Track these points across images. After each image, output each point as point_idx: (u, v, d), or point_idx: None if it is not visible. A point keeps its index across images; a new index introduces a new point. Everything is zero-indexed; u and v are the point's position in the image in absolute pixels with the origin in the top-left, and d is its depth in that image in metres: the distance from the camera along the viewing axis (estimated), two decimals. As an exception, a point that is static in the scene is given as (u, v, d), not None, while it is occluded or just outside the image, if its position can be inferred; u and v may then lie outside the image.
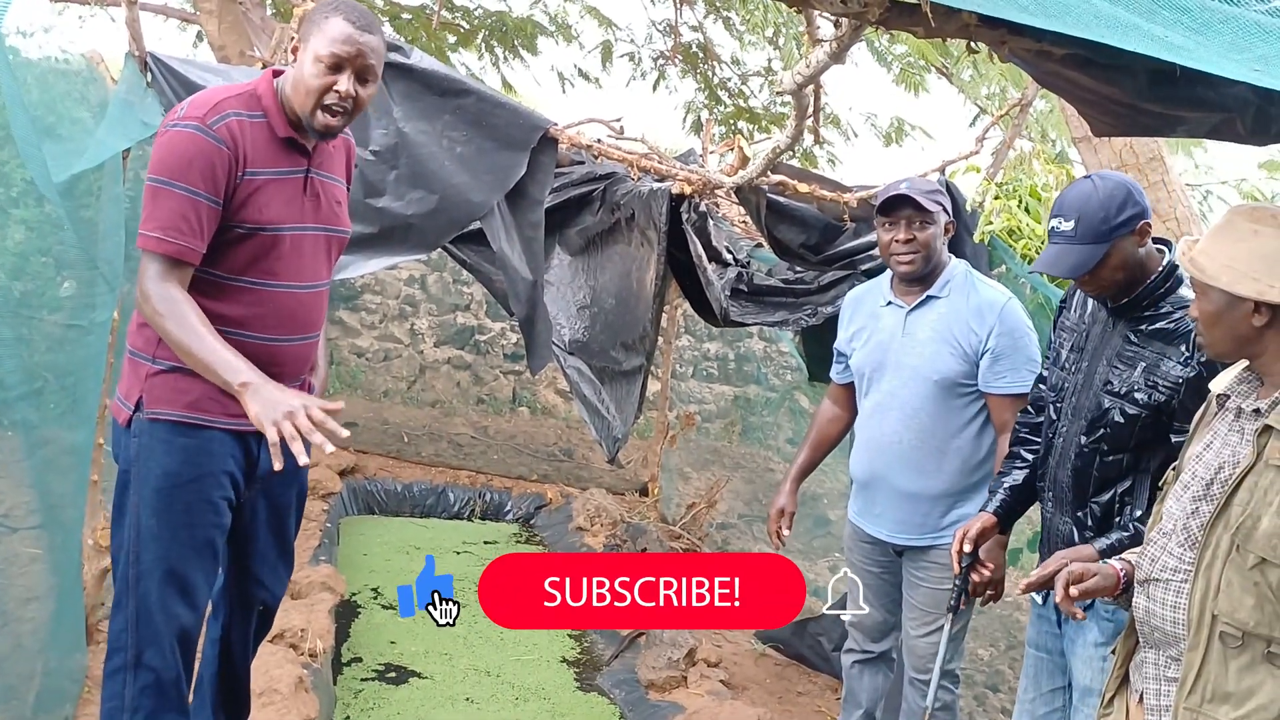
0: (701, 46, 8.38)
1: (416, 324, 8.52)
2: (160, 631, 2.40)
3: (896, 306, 3.18)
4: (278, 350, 2.44)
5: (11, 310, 2.96)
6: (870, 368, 3.21)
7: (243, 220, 2.34)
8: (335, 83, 2.32)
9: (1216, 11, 1.50)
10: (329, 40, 2.31)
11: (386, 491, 6.87)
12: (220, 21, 4.79)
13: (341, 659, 4.33)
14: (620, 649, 4.62)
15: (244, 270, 2.38)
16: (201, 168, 2.26)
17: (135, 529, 2.37)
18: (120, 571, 2.41)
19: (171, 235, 2.24)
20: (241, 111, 2.34)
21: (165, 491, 2.37)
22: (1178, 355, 2.37)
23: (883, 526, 3.22)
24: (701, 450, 8.49)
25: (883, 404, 3.17)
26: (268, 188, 2.37)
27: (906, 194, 3.03)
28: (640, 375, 4.47)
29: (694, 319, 7.71)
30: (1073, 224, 2.40)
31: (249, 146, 2.33)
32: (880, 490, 3.20)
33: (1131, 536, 2.39)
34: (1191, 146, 7.43)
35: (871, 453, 3.21)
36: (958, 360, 3.05)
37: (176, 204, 2.24)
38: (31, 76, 3.08)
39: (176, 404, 2.36)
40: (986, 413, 3.09)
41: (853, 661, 3.46)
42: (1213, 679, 1.86)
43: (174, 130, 2.28)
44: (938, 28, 2.07)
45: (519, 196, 3.76)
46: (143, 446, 2.37)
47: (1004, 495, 2.74)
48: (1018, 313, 3.08)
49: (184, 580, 2.42)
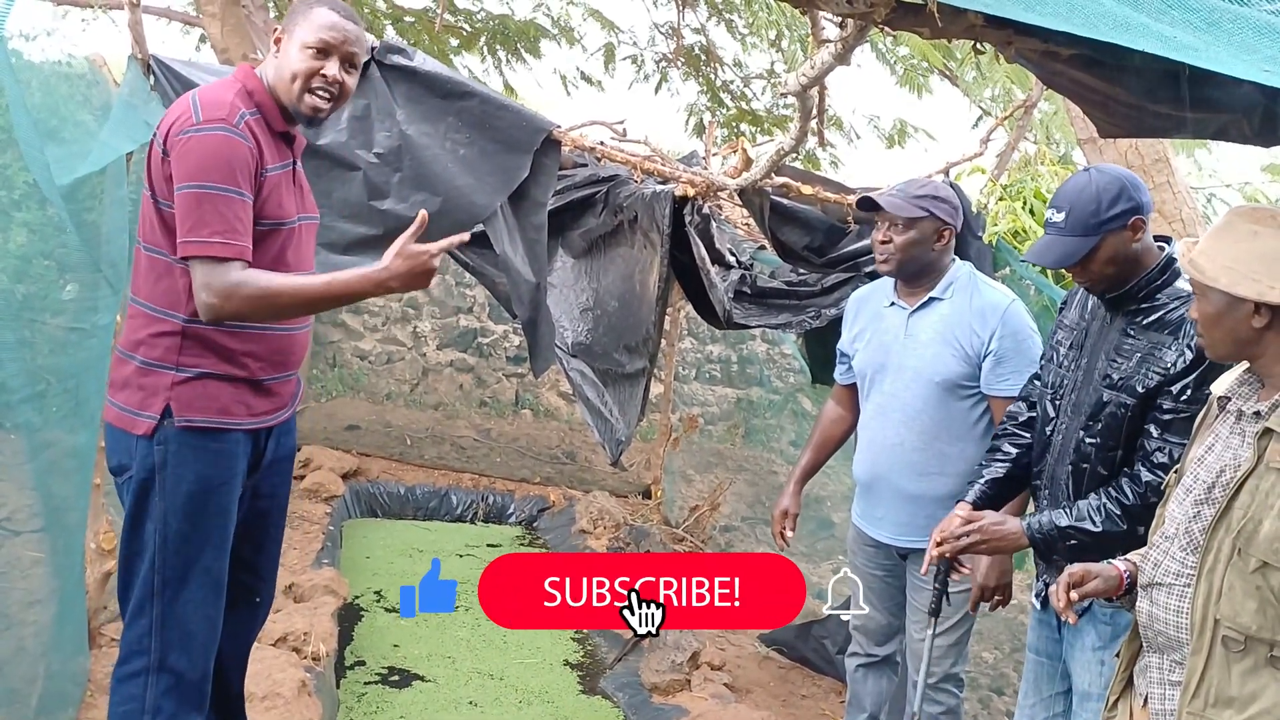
0: (704, 49, 8.38)
1: (419, 326, 8.52)
2: (192, 633, 2.44)
3: (899, 308, 3.17)
4: (290, 339, 2.51)
5: (14, 313, 2.96)
6: (872, 369, 3.21)
7: (266, 217, 2.38)
8: (323, 68, 2.39)
9: (1225, 11, 1.49)
10: (316, 27, 2.39)
11: (389, 494, 6.87)
12: (223, 24, 4.79)
13: (344, 662, 4.32)
14: (624, 652, 4.61)
15: (267, 265, 2.39)
16: (240, 168, 2.29)
17: (161, 535, 2.40)
18: (142, 578, 2.42)
19: (231, 238, 2.27)
20: (247, 110, 2.37)
21: (199, 496, 2.41)
22: (1172, 344, 2.37)
23: (885, 529, 3.21)
24: (704, 453, 8.48)
25: (885, 405, 3.16)
26: (280, 183, 2.42)
27: (873, 197, 3.06)
28: (643, 378, 4.46)
29: (697, 321, 7.72)
30: (1064, 215, 2.40)
31: (262, 144, 2.37)
32: (883, 493, 3.19)
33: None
34: (1195, 148, 7.42)
35: (874, 454, 3.20)
36: (959, 362, 3.04)
37: (228, 206, 2.27)
38: (35, 79, 3.08)
39: (209, 410, 2.40)
40: (989, 414, 3.08)
41: (856, 665, 3.45)
42: (1216, 683, 1.85)
43: (205, 134, 2.28)
44: (944, 28, 2.06)
45: (522, 199, 3.76)
46: (171, 454, 2.39)
47: (982, 487, 2.72)
48: (1021, 314, 3.08)
49: (218, 580, 2.49)
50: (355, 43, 2.43)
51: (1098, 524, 2.40)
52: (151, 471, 2.39)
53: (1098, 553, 2.38)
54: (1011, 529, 2.53)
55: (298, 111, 2.42)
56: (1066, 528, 2.44)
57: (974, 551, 2.60)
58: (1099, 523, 2.40)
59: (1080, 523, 2.42)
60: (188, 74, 3.47)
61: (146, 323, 2.38)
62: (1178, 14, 1.49)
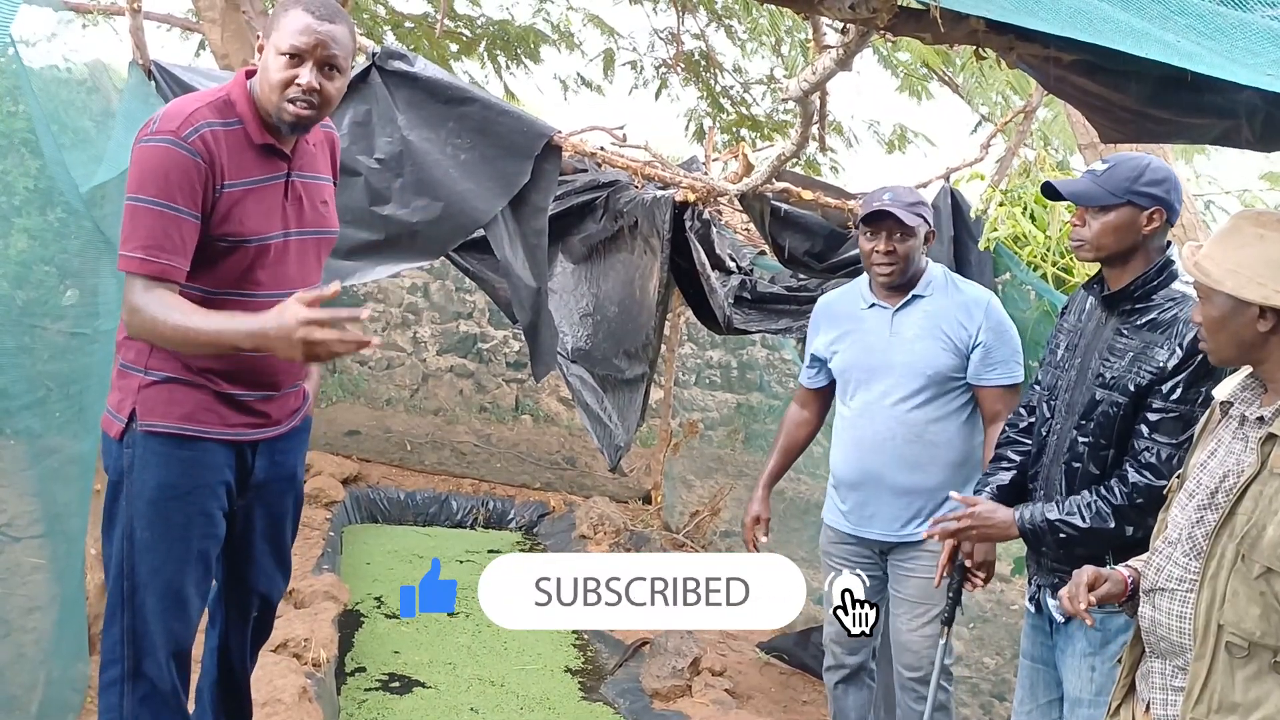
0: (704, 54, 8.39)
1: (419, 332, 8.52)
2: (155, 644, 2.37)
3: (881, 308, 3.23)
4: (254, 359, 2.35)
5: (14, 319, 2.95)
6: (858, 370, 3.25)
7: (225, 234, 2.27)
8: (297, 75, 2.25)
9: (1227, 17, 1.49)
10: (289, 33, 2.24)
11: (389, 500, 6.87)
12: (223, 30, 4.78)
13: (345, 668, 4.32)
14: (624, 658, 4.61)
15: (230, 283, 2.32)
16: (179, 182, 2.18)
17: (128, 541, 2.33)
18: (113, 584, 2.37)
19: (154, 254, 2.17)
20: (215, 121, 2.26)
21: (160, 504, 2.33)
22: (1164, 343, 2.39)
23: (875, 526, 3.23)
24: (704, 458, 8.48)
25: (872, 403, 3.20)
26: (247, 199, 2.30)
27: (889, 209, 3.09)
28: (643, 383, 4.47)
29: (697, 326, 7.72)
30: (1106, 168, 2.45)
31: (225, 158, 2.25)
32: (873, 490, 3.22)
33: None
34: (1194, 154, 7.43)
35: (862, 453, 3.23)
36: (949, 354, 3.13)
37: (156, 221, 2.18)
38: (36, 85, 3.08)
39: (172, 416, 2.32)
40: (974, 405, 3.18)
41: (835, 681, 3.45)
42: (1219, 689, 1.85)
43: (147, 145, 2.21)
44: (946, 33, 2.06)
45: (523, 204, 3.76)
46: (137, 459, 2.32)
47: (989, 495, 2.74)
48: (1000, 308, 3.21)
49: (179, 594, 2.38)
50: (333, 44, 2.26)
51: (1086, 520, 2.44)
52: (121, 475, 2.34)
53: (1083, 548, 2.42)
54: (1002, 518, 2.60)
55: (281, 121, 2.29)
56: (1055, 521, 2.48)
57: (964, 538, 2.70)
58: (1087, 519, 2.43)
59: (1069, 517, 2.46)
60: (189, 79, 3.47)
61: (124, 328, 2.33)
62: (1181, 20, 1.49)
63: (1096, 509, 2.43)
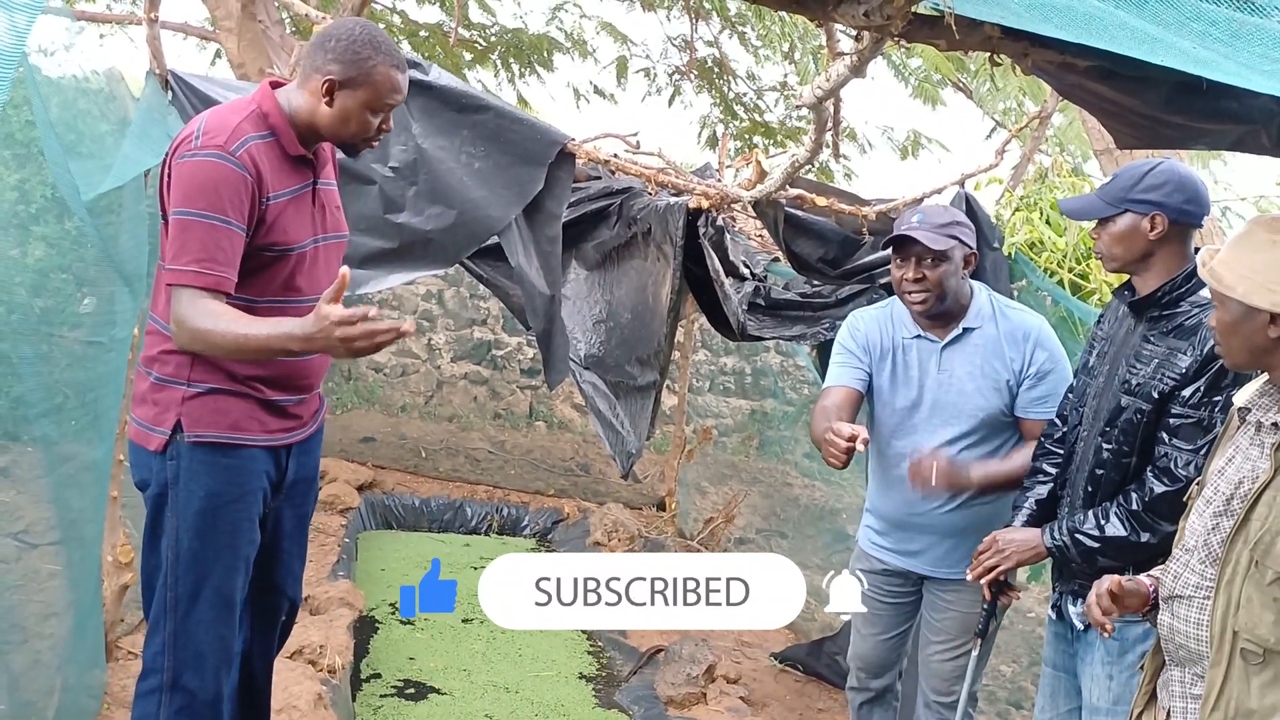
0: (717, 62, 8.39)
1: (434, 339, 8.54)
2: (204, 653, 2.42)
3: (928, 340, 3.02)
4: (297, 364, 2.46)
5: (32, 327, 2.97)
6: (904, 404, 3.06)
7: (271, 244, 2.34)
8: (383, 123, 2.41)
9: (1244, 23, 1.48)
10: (385, 92, 2.36)
11: (404, 506, 6.89)
12: (240, 39, 4.81)
13: (360, 675, 4.33)
14: (639, 665, 4.60)
15: (273, 291, 2.38)
16: (230, 196, 2.23)
17: (174, 552, 2.38)
18: (157, 594, 2.42)
19: (208, 267, 2.22)
20: (254, 135, 2.31)
21: (209, 513, 2.38)
22: (1187, 349, 2.38)
23: (921, 562, 3.11)
24: (719, 464, 8.47)
25: (920, 443, 2.99)
26: (288, 209, 2.37)
27: (911, 234, 2.88)
28: (654, 390, 4.46)
29: (711, 333, 7.70)
30: (1108, 180, 2.49)
31: (267, 171, 2.31)
32: (918, 530, 3.09)
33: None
34: (1210, 160, 7.40)
35: (907, 492, 2.97)
36: (999, 395, 2.96)
37: (209, 235, 2.22)
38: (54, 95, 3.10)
39: (219, 426, 2.37)
40: (1020, 434, 3.01)
41: (860, 702, 3.38)
42: (1235, 696, 1.84)
43: (195, 160, 2.24)
44: (960, 40, 2.06)
45: (536, 211, 3.76)
46: (183, 470, 2.37)
47: (1029, 509, 2.72)
48: (1052, 336, 3.00)
49: (229, 600, 2.45)
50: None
51: (1104, 529, 2.43)
52: (165, 487, 2.38)
53: (1105, 558, 2.40)
54: (1028, 538, 2.62)
55: (349, 148, 2.45)
56: (1075, 532, 2.48)
57: (1008, 568, 2.68)
58: (1105, 528, 2.43)
59: (1088, 528, 2.46)
60: (205, 89, 3.49)
61: (160, 340, 2.38)
62: (1196, 26, 1.48)
63: (1115, 518, 2.42)
